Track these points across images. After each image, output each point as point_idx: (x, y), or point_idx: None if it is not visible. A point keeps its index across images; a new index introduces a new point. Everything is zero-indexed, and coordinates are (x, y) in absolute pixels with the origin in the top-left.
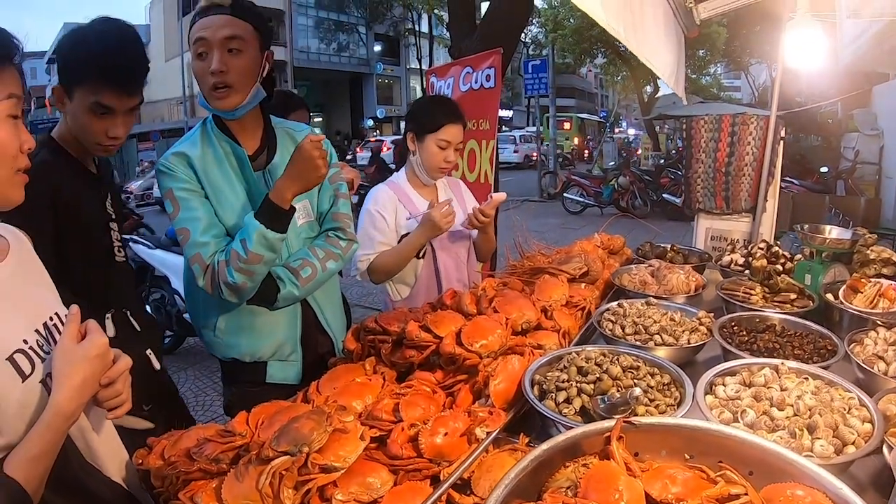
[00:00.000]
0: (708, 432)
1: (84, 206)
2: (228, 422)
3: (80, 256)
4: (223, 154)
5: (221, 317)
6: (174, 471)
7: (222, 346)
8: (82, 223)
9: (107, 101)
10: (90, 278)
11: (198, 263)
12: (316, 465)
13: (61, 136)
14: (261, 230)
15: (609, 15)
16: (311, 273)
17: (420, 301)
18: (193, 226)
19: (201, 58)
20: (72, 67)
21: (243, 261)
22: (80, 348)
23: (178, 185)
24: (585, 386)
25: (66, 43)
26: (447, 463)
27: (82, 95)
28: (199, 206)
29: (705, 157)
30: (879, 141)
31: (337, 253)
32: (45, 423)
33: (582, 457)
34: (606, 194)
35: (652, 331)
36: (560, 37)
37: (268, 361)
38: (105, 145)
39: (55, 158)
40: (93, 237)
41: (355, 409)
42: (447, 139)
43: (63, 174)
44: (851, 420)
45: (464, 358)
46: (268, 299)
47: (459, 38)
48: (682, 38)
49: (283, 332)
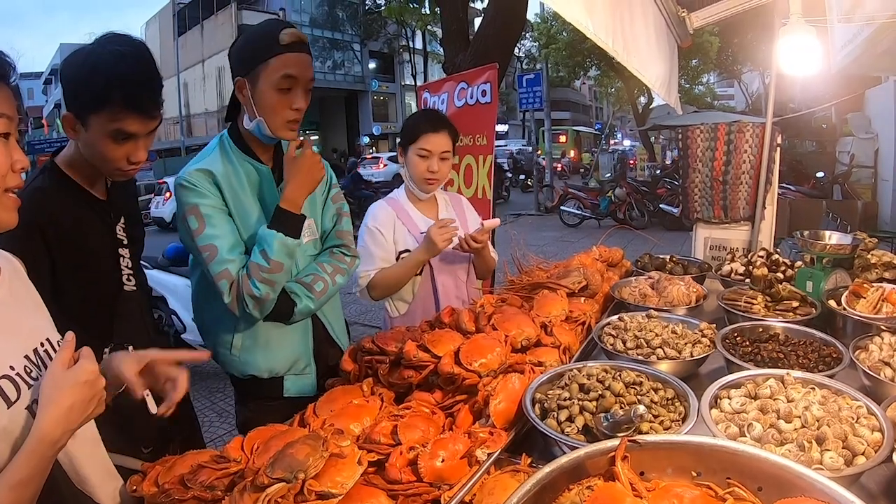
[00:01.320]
0: (715, 448)
1: (86, 235)
2: (223, 447)
3: (80, 286)
4: (243, 172)
5: (237, 334)
6: (168, 499)
7: (239, 363)
8: (84, 251)
9: (130, 127)
10: (92, 309)
11: (225, 279)
12: (312, 491)
13: (67, 162)
14: (280, 238)
15: (597, 26)
16: (324, 287)
17: (417, 318)
18: (220, 243)
19: (283, 92)
20: (87, 94)
21: (266, 270)
22: (70, 373)
23: (205, 201)
24: (588, 403)
25: (76, 67)
26: (448, 486)
27: (101, 123)
28: (225, 224)
29: (702, 167)
30: (874, 144)
31: (343, 268)
32: (29, 448)
33: (586, 478)
34: (603, 206)
35: (654, 344)
36: (554, 50)
37: (284, 376)
38: (125, 170)
39: (55, 185)
40: (96, 266)
41: (353, 431)
42: (427, 148)
43: (63, 202)
44: (860, 430)
45: (463, 378)
46: (284, 314)
47: (453, 54)
48: (676, 48)
49: (298, 346)
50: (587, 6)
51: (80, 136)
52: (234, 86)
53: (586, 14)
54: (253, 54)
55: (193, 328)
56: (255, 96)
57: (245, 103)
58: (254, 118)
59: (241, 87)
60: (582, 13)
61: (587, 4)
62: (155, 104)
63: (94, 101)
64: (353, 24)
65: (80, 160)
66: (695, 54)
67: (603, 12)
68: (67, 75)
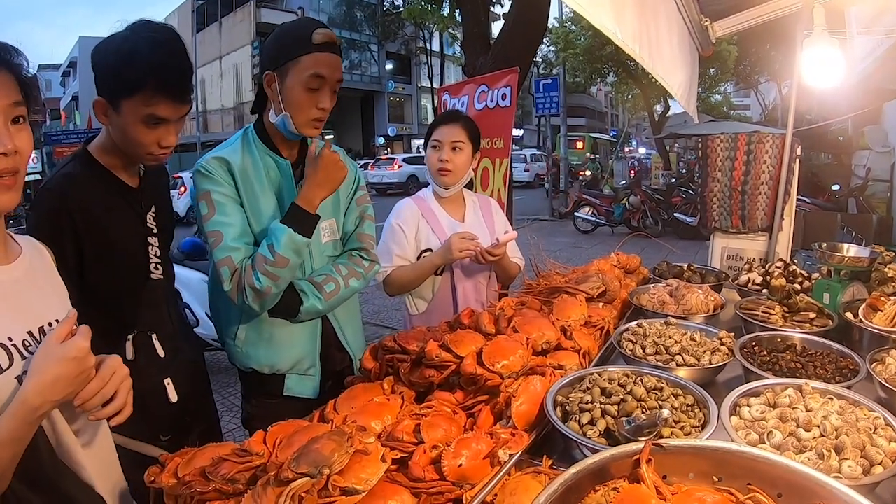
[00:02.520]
0: (737, 454)
1: (116, 222)
2: (246, 440)
3: (108, 273)
4: (262, 165)
5: (242, 326)
6: (189, 490)
7: (241, 356)
8: (113, 238)
9: (162, 112)
10: (118, 296)
11: (227, 266)
12: (337, 487)
13: (99, 149)
14: (289, 233)
15: (625, 33)
16: (335, 288)
17: (436, 317)
18: (227, 230)
19: (311, 91)
20: (122, 79)
21: (270, 263)
22: (61, 348)
23: (217, 188)
24: (609, 407)
25: (110, 53)
26: (470, 486)
27: (134, 108)
28: (234, 213)
29: (721, 176)
30: (891, 158)
31: (360, 272)
32: (10, 411)
33: (611, 480)
34: (617, 213)
35: (673, 351)
36: (571, 55)
37: (286, 374)
38: (157, 154)
39: (85, 171)
40: (124, 253)
41: (374, 429)
42: (438, 138)
43: (93, 188)
44: (878, 440)
45: (485, 378)
46: (291, 311)
47: (474, 57)
48: (697, 56)
49: (303, 346)
50: (616, 14)
51: (112, 121)
52: (262, 79)
53: (614, 21)
54: (285, 50)
55: (206, 322)
56: (283, 92)
57: (272, 97)
58: (279, 113)
59: (270, 81)
60: (610, 20)
61: (616, 12)
62: (186, 90)
63: (129, 87)
64: (370, 25)
65: (111, 147)
66: (713, 63)
67: (631, 20)
68: (101, 61)
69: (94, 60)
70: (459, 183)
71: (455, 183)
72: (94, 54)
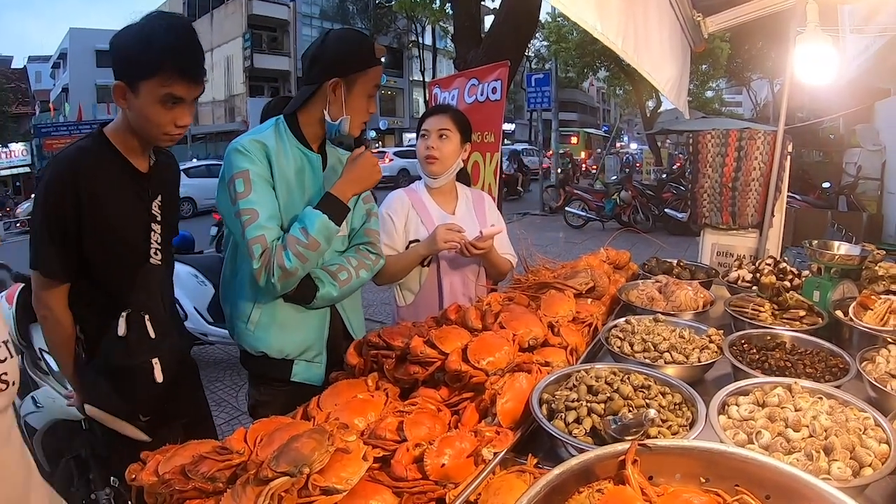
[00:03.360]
0: (725, 455)
1: (119, 200)
2: (226, 438)
3: (106, 249)
4: (292, 155)
5: (256, 310)
6: (168, 489)
7: (252, 338)
8: (115, 216)
9: (179, 91)
10: (111, 274)
11: (259, 244)
12: (317, 486)
13: (113, 131)
14: (323, 219)
15: (606, 27)
16: (348, 277)
17: (422, 309)
18: (262, 209)
19: (370, 98)
20: (141, 62)
21: (302, 245)
22: None
23: (255, 168)
24: (596, 406)
25: (129, 38)
26: (453, 485)
27: (152, 89)
28: (268, 194)
29: (712, 172)
30: (881, 156)
31: (368, 264)
32: None
33: (595, 482)
34: (608, 209)
35: (661, 348)
36: (563, 50)
37: (294, 360)
38: (173, 134)
39: (97, 147)
40: (124, 234)
41: (357, 426)
42: (425, 128)
43: (100, 163)
44: (868, 441)
45: (470, 375)
46: (306, 297)
47: (465, 51)
48: (689, 52)
49: (312, 332)
50: (598, 7)
51: (131, 104)
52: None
53: (596, 14)
54: (356, 61)
55: (195, 316)
56: (349, 98)
57: (333, 101)
58: (339, 116)
59: (336, 86)
60: (591, 13)
61: (599, 6)
62: (201, 71)
63: (148, 69)
64: (363, 18)
65: (125, 131)
66: (705, 59)
67: (616, 14)
68: (120, 47)
69: (114, 48)
70: (448, 172)
71: (443, 172)
72: (114, 43)
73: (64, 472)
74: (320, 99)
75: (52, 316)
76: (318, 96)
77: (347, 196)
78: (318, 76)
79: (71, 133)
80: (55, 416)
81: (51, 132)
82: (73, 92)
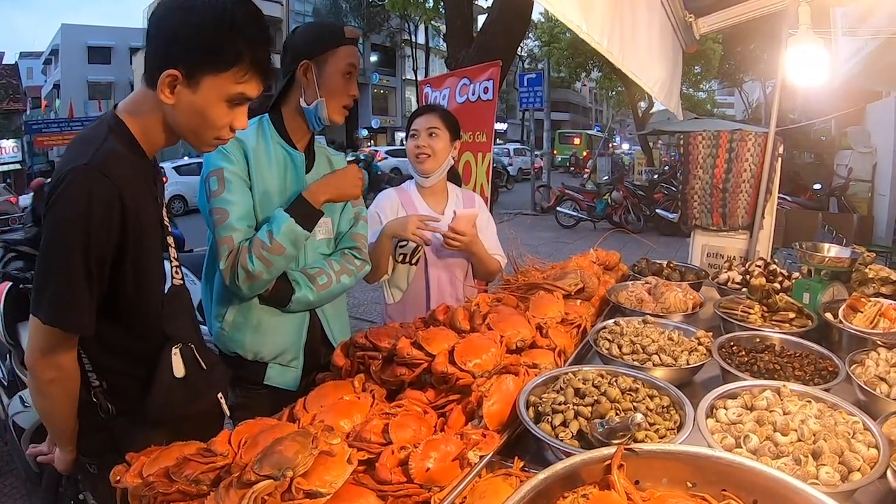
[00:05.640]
0: (712, 459)
1: (147, 215)
2: (210, 441)
3: (137, 279)
4: (274, 154)
5: (231, 310)
6: (152, 491)
7: (227, 339)
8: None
9: (252, 91)
10: (142, 306)
11: (226, 245)
12: (300, 490)
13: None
14: (290, 223)
15: (591, 26)
16: (327, 282)
17: (409, 308)
18: (233, 209)
19: (347, 78)
20: (216, 51)
21: (266, 249)
22: None
23: (230, 166)
24: (583, 409)
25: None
26: (438, 488)
27: (222, 84)
28: (242, 193)
29: (702, 174)
30: (872, 158)
31: (351, 269)
32: None
33: (581, 486)
34: (600, 209)
35: (650, 350)
36: (556, 50)
37: (269, 363)
38: (225, 139)
39: (130, 154)
40: (153, 255)
41: (343, 428)
42: (415, 128)
43: (136, 172)
44: (856, 445)
45: (456, 377)
46: (282, 300)
47: (457, 50)
48: (681, 53)
49: (288, 336)
50: (583, 6)
51: (181, 99)
52: (295, 69)
53: (581, 14)
54: (323, 41)
55: None
56: (321, 79)
57: (307, 85)
58: (314, 99)
59: (307, 69)
60: (576, 12)
61: (583, 5)
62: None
63: (224, 60)
64: (356, 16)
65: (154, 129)
66: (697, 60)
67: (601, 13)
68: (181, 27)
69: (171, 27)
70: (440, 169)
71: (435, 169)
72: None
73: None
74: (296, 88)
75: (62, 377)
76: (294, 85)
77: (320, 201)
78: (289, 64)
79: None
80: None
81: (42, 129)
82: (65, 88)
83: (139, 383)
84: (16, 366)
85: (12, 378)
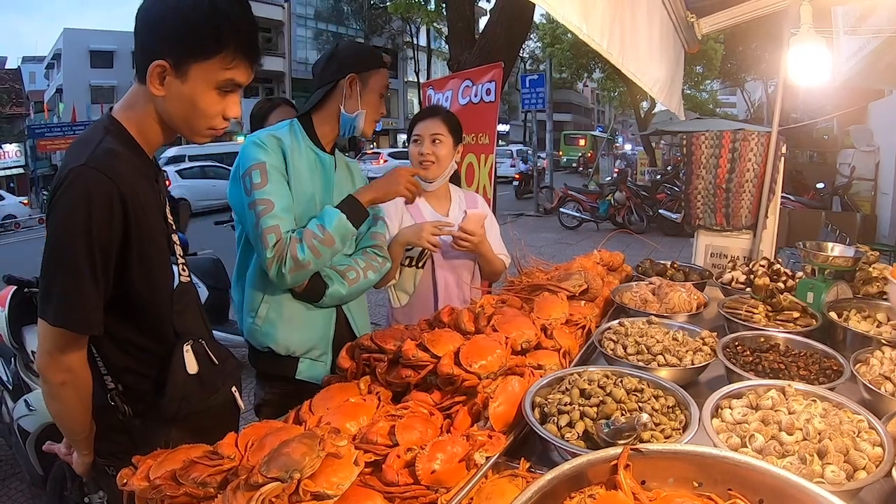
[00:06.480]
0: (718, 459)
1: (151, 212)
2: (217, 444)
3: (144, 276)
4: (305, 155)
5: (264, 304)
6: (159, 494)
7: (260, 333)
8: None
9: (241, 77)
10: (153, 304)
11: (274, 234)
12: (308, 492)
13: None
14: (342, 217)
15: (591, 27)
16: (357, 277)
17: (417, 311)
18: (278, 200)
19: (382, 98)
20: (200, 38)
21: (318, 239)
22: None
23: (272, 161)
24: (588, 409)
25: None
26: (445, 490)
27: (209, 72)
28: (283, 186)
29: (706, 174)
30: (875, 157)
31: (375, 265)
32: None
33: (587, 486)
34: (603, 209)
35: (655, 351)
36: (558, 51)
37: (300, 357)
38: (218, 129)
39: (127, 150)
40: (157, 252)
41: (349, 430)
42: (418, 133)
43: (136, 168)
44: (861, 444)
45: (462, 379)
46: (316, 294)
47: (458, 52)
48: (682, 53)
49: (318, 331)
50: (583, 7)
51: (171, 90)
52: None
53: (581, 15)
54: (368, 62)
55: None
56: (364, 93)
57: (350, 95)
58: (355, 110)
59: (353, 81)
60: (576, 14)
61: (583, 6)
62: (259, 52)
63: (209, 47)
64: (357, 19)
65: (149, 125)
66: (699, 60)
67: (601, 15)
68: (166, 18)
69: (154, 20)
70: (443, 176)
71: (439, 175)
72: (153, 13)
73: (57, 475)
74: (336, 96)
75: (73, 379)
76: (335, 93)
77: (366, 201)
78: (334, 73)
79: (65, 134)
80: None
81: (45, 133)
82: (68, 92)
83: (153, 382)
84: (20, 369)
85: (17, 382)
